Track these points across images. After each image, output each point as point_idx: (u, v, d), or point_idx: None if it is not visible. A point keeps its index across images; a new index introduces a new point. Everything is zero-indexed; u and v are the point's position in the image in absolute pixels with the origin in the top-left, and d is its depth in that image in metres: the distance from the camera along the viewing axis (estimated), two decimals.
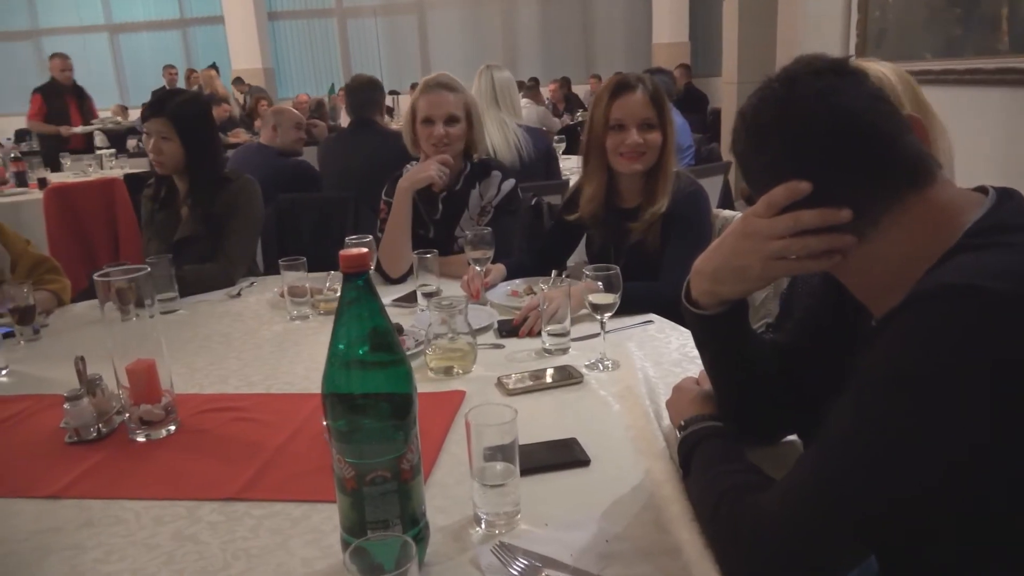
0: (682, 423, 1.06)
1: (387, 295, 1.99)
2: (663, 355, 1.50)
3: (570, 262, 2.33)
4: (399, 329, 1.60)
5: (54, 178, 5.13)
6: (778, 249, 0.87)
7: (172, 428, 1.26)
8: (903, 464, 0.69)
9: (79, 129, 7.07)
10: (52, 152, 6.49)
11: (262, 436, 1.22)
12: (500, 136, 3.26)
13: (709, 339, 1.06)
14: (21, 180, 5.00)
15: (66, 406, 1.24)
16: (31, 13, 13.05)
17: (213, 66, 9.79)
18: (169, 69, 9.46)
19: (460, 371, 1.45)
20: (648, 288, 1.74)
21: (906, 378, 0.70)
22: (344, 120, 6.88)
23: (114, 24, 13.06)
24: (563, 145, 4.95)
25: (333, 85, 11.04)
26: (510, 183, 2.20)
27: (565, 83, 10.04)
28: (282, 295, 1.91)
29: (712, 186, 3.43)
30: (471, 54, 12.27)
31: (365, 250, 0.78)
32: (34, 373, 1.60)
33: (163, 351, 1.26)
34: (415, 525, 0.85)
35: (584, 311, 1.53)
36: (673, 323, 1.66)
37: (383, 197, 2.24)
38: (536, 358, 1.52)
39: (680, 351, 1.50)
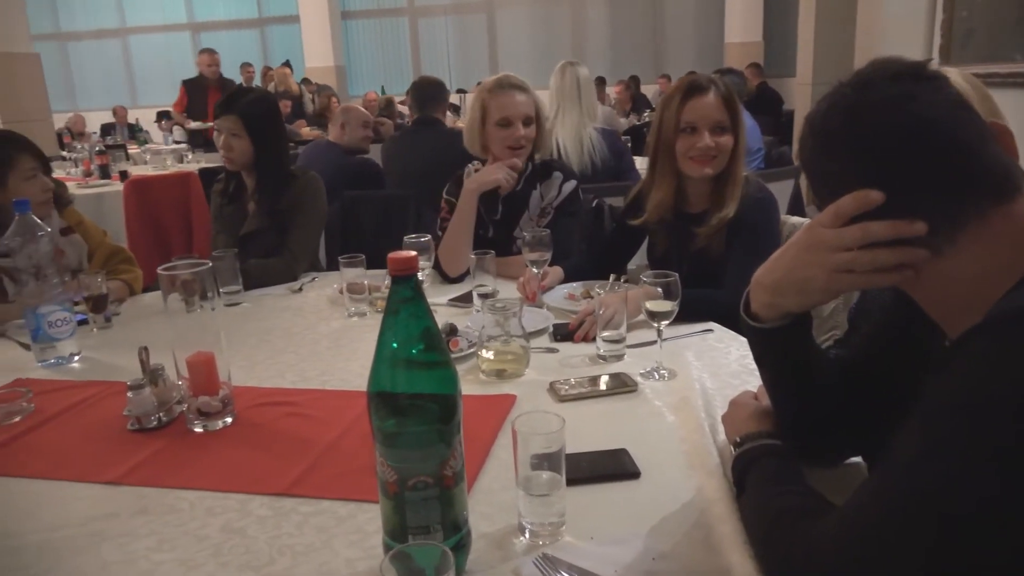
0: (738, 439, 1.02)
1: (444, 294, 1.99)
2: (722, 366, 1.45)
3: (631, 265, 2.30)
4: (453, 329, 1.60)
5: (135, 171, 5.36)
6: (844, 262, 0.82)
7: (228, 420, 1.29)
8: (973, 494, 0.64)
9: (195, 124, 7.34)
10: (200, 142, 7.02)
11: (314, 432, 1.23)
12: (574, 138, 3.22)
13: (768, 354, 1.01)
14: (104, 172, 5.24)
15: (129, 394, 1.28)
16: (119, 12, 13.66)
17: (287, 64, 10.04)
18: (246, 67, 9.77)
19: (512, 374, 1.43)
20: (708, 296, 1.69)
21: (979, 405, 0.65)
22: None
23: (196, 23, 13.56)
24: (628, 146, 4.88)
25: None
26: (571, 184, 2.18)
27: (633, 83, 9.92)
28: (341, 292, 1.94)
29: (782, 191, 3.32)
30: (539, 53, 12.26)
31: (413, 253, 0.78)
32: (104, 360, 1.67)
33: (222, 344, 1.28)
34: (457, 532, 0.84)
35: (641, 317, 1.49)
36: (734, 333, 1.61)
37: (444, 196, 2.25)
38: (590, 364, 1.49)
39: (740, 362, 1.45)
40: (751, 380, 1.34)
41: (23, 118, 6.72)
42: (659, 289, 1.41)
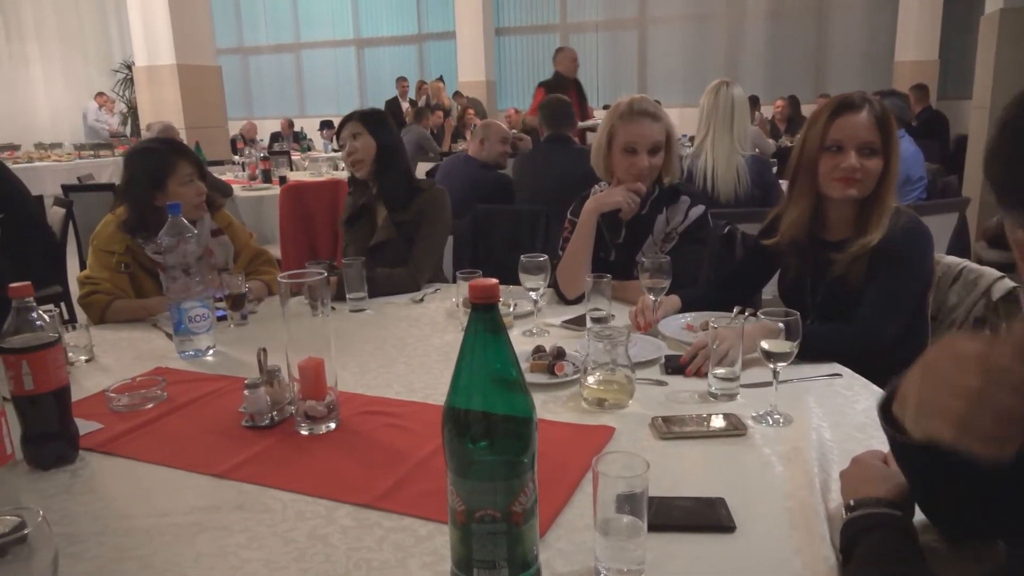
0: (852, 502, 0.92)
1: (559, 315, 1.97)
2: (846, 416, 1.33)
3: (766, 295, 2.17)
4: (560, 353, 1.57)
5: (293, 176, 5.75)
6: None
7: (332, 425, 1.33)
8: None
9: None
10: None
11: (408, 446, 1.25)
12: (725, 167, 3.10)
13: (908, 469, 0.90)
14: (267, 177, 5.67)
15: (245, 392, 1.35)
16: (295, 29, 14.77)
17: (440, 79, 10.44)
18: (401, 81, 10.25)
19: (614, 405, 1.39)
20: (836, 332, 1.57)
21: None
22: None
23: (361, 39, 14.41)
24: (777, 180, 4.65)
25: None
26: (699, 210, 2.09)
27: (793, 102, 9.46)
28: (458, 305, 1.96)
29: (943, 225, 3.03)
30: (690, 70, 12.01)
31: (495, 281, 0.76)
32: (234, 356, 1.78)
33: (331, 351, 1.33)
34: (525, 569, 0.81)
35: (755, 354, 1.40)
36: (865, 380, 1.47)
37: (568, 216, 2.23)
38: (699, 401, 1.42)
39: (867, 414, 1.32)
40: (879, 436, 1.22)
41: (203, 124, 7.42)
42: (780, 325, 1.31)
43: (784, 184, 1.92)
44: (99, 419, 1.39)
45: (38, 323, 1.20)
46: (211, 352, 1.78)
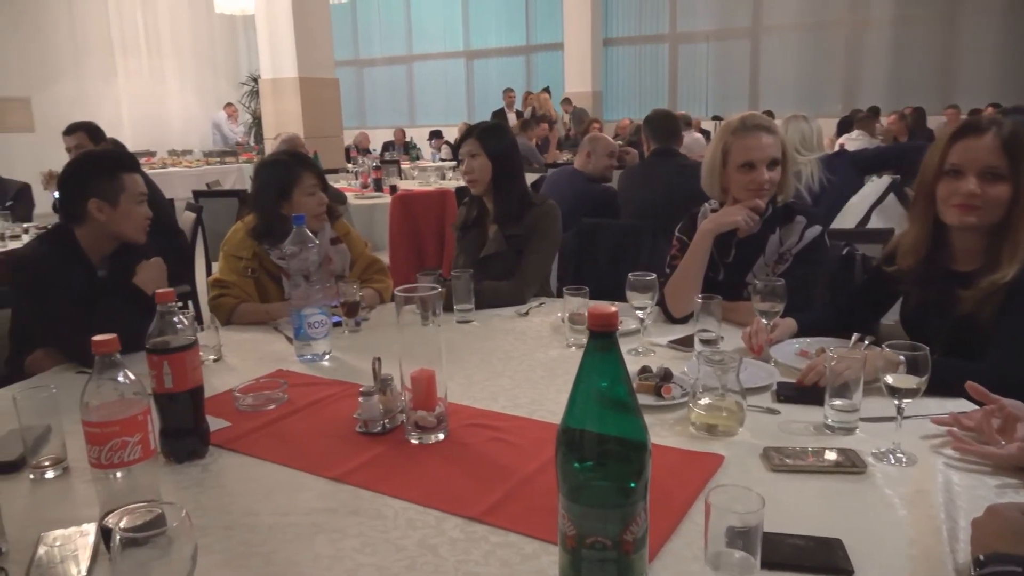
0: (982, 557, 0.87)
1: (665, 334, 1.95)
2: (977, 459, 1.24)
3: (888, 321, 2.07)
4: (667, 375, 1.55)
5: (403, 185, 5.94)
6: None
7: (441, 436, 1.36)
8: None
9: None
10: None
11: (515, 461, 1.26)
12: None
13: None
14: (378, 185, 5.88)
15: (360, 399, 1.41)
16: (408, 41, 15.27)
17: (546, 89, 10.52)
18: (508, 92, 10.39)
19: (724, 432, 1.36)
20: (965, 370, 1.47)
21: None
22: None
23: (471, 50, 14.72)
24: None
25: None
26: (815, 231, 2.02)
27: (917, 114, 8.94)
28: (563, 320, 1.97)
29: None
30: (805, 81, 11.60)
31: (614, 310, 0.76)
32: (349, 361, 1.86)
33: (442, 363, 1.36)
34: None
35: (876, 383, 1.33)
36: None
37: (676, 234, 2.20)
38: (814, 433, 1.36)
39: None
40: (1012, 483, 1.14)
41: (320, 134, 7.77)
42: (902, 357, 1.25)
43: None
44: (227, 417, 1.48)
45: (179, 326, 1.29)
46: (327, 357, 1.87)
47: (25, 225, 4.41)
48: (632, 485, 0.79)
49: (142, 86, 12.28)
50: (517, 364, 1.78)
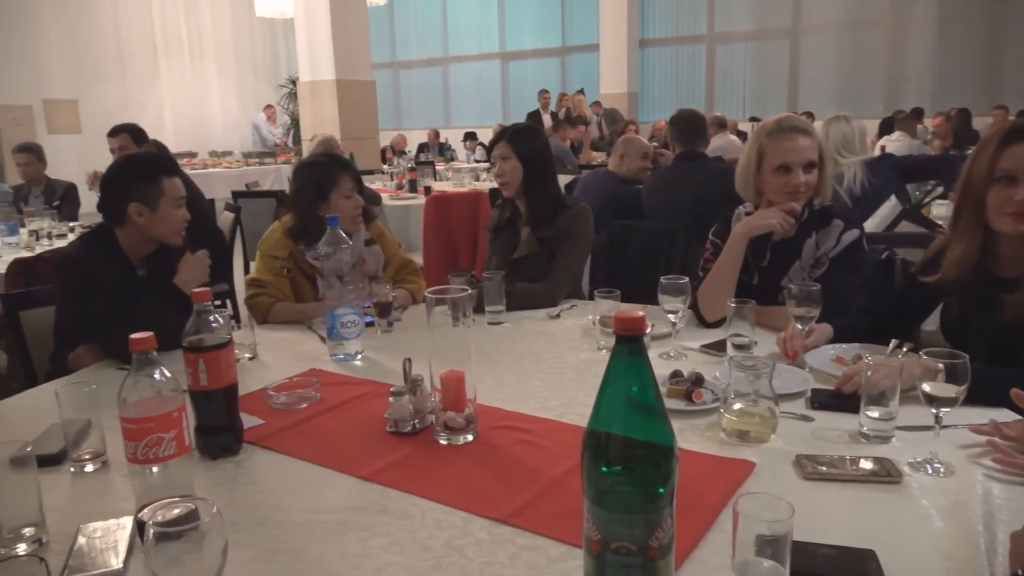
0: (1020, 572, 0.85)
1: (698, 339, 1.93)
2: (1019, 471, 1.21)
3: (929, 327, 2.02)
4: (698, 380, 1.54)
5: (437, 187, 5.97)
6: None
7: (470, 437, 1.37)
8: None
9: None
10: None
11: (543, 463, 1.26)
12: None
13: None
14: (412, 186, 5.92)
15: (391, 399, 1.42)
16: (444, 43, 15.35)
17: (581, 91, 10.49)
18: (543, 93, 10.39)
19: (756, 438, 1.34)
20: (1008, 378, 1.42)
21: None
22: None
23: (506, 52, 14.75)
24: (938, 189, 4.32)
25: None
26: (853, 235, 1.98)
27: (962, 115, 8.71)
28: (594, 323, 1.97)
29: None
30: (845, 81, 11.39)
31: (642, 314, 0.76)
32: (380, 361, 1.87)
33: (472, 364, 1.37)
34: None
35: (914, 391, 1.30)
36: None
37: (710, 237, 2.18)
38: (848, 441, 1.34)
39: None
40: None
41: (356, 136, 7.86)
42: (940, 365, 1.22)
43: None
44: (260, 415, 1.50)
45: (214, 325, 1.32)
46: (359, 357, 1.88)
47: (71, 224, 4.54)
48: (660, 491, 0.78)
49: (184, 88, 12.56)
50: (548, 366, 1.78)
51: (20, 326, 2.15)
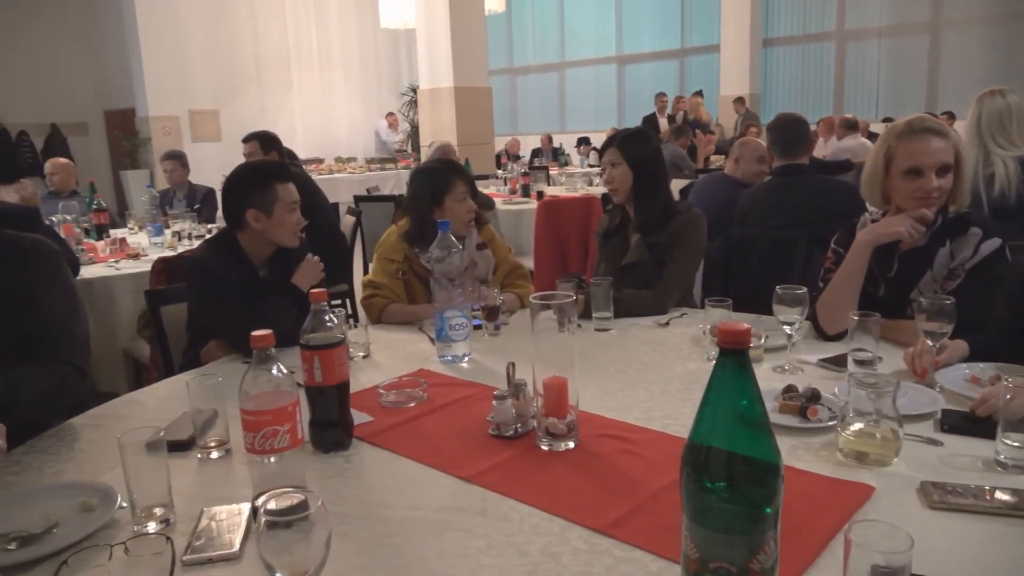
0: None
1: (816, 352, 1.84)
2: None
3: None
4: (815, 396, 1.46)
5: (550, 191, 5.99)
6: None
7: (571, 444, 1.36)
8: None
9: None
10: None
11: (644, 475, 1.24)
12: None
13: None
14: (525, 191, 5.97)
15: (494, 403, 1.44)
16: (560, 48, 15.39)
17: (699, 93, 10.23)
18: (660, 97, 10.22)
19: (876, 461, 1.25)
20: None
21: None
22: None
23: (623, 55, 14.61)
24: None
25: None
26: (993, 244, 1.82)
27: None
28: (704, 333, 1.91)
29: None
30: (992, 77, 10.47)
31: (747, 327, 0.73)
32: (487, 364, 1.90)
33: (575, 371, 1.36)
34: None
35: None
36: None
37: (832, 245, 2.07)
38: (982, 469, 1.23)
39: None
40: None
41: (472, 141, 8.03)
42: None
43: None
44: (371, 412, 1.56)
45: (329, 324, 1.38)
46: (466, 359, 1.92)
47: (209, 226, 4.88)
48: (767, 511, 0.74)
49: (314, 97, 13.23)
50: (654, 376, 1.75)
51: (161, 320, 2.33)
